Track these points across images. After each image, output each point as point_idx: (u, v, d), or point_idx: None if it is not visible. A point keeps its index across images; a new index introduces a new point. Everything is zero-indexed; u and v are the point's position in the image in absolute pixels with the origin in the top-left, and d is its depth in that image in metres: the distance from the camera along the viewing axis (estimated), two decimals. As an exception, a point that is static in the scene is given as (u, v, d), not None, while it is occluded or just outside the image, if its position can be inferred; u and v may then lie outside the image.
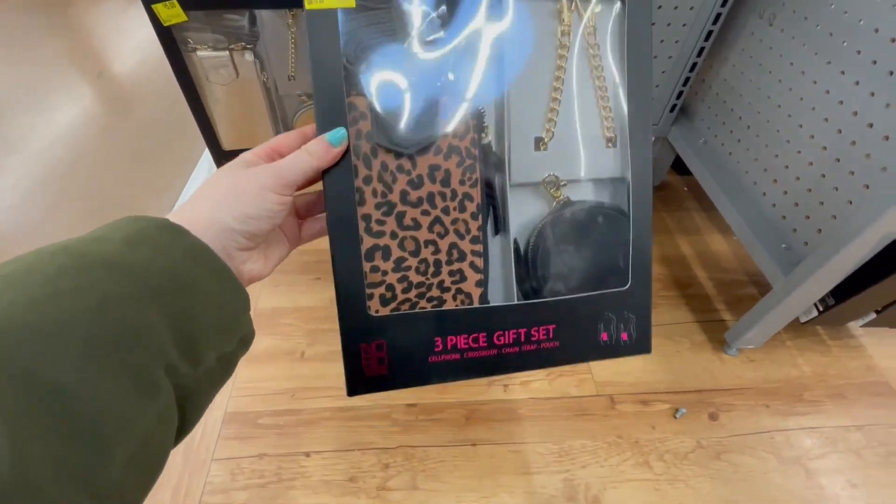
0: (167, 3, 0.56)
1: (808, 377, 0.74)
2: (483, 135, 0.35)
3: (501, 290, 0.37)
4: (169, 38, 0.60)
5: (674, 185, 1.07)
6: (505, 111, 0.35)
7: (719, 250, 0.93)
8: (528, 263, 0.37)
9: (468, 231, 0.35)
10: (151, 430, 0.20)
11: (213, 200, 0.27)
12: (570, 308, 0.36)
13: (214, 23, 0.59)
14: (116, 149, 0.97)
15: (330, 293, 0.82)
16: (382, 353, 0.34)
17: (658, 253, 0.92)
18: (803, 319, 0.67)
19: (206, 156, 0.80)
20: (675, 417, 0.68)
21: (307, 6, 0.30)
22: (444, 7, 0.33)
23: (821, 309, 0.65)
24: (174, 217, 0.25)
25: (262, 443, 0.63)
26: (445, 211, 0.34)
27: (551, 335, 0.36)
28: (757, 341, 0.72)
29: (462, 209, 0.35)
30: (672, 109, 0.88)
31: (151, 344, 0.20)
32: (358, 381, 0.34)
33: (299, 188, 0.33)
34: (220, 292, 0.25)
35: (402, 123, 0.33)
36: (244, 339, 0.27)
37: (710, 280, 0.87)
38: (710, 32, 0.76)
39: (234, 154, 0.77)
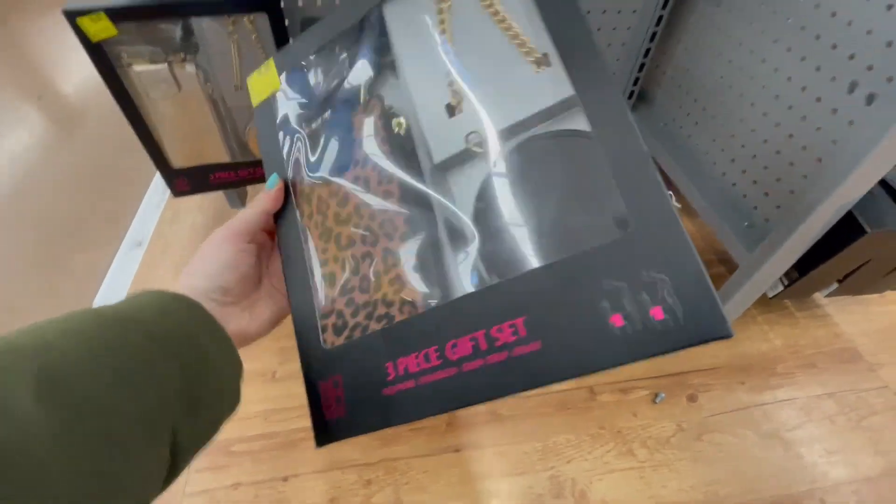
0: (94, 16, 0.53)
1: (780, 350, 0.75)
2: (396, 127, 0.33)
3: (455, 288, 0.29)
4: (101, 55, 0.56)
5: (638, 170, 1.08)
6: (407, 95, 0.33)
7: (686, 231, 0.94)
8: (479, 240, 0.29)
9: (395, 228, 0.31)
10: (153, 473, 0.22)
11: (187, 269, 0.30)
12: (543, 285, 0.24)
13: (148, 34, 0.56)
14: (62, 174, 0.92)
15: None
16: (339, 391, 0.30)
17: (628, 239, 0.92)
18: (770, 294, 0.68)
19: (160, 176, 0.77)
20: (655, 403, 0.68)
21: (254, 104, 0.37)
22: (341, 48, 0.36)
23: (786, 283, 0.66)
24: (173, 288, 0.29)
25: (237, 471, 0.60)
26: (371, 217, 0.32)
27: (523, 332, 0.24)
28: (728, 318, 0.72)
29: (384, 209, 0.32)
30: (630, 96, 0.88)
31: (167, 397, 0.23)
32: (321, 427, 0.30)
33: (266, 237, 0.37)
34: (221, 359, 0.27)
35: (328, 155, 0.35)
36: (231, 405, 0.29)
37: (680, 262, 0.88)
38: (660, 17, 0.76)
39: (185, 172, 0.73)
